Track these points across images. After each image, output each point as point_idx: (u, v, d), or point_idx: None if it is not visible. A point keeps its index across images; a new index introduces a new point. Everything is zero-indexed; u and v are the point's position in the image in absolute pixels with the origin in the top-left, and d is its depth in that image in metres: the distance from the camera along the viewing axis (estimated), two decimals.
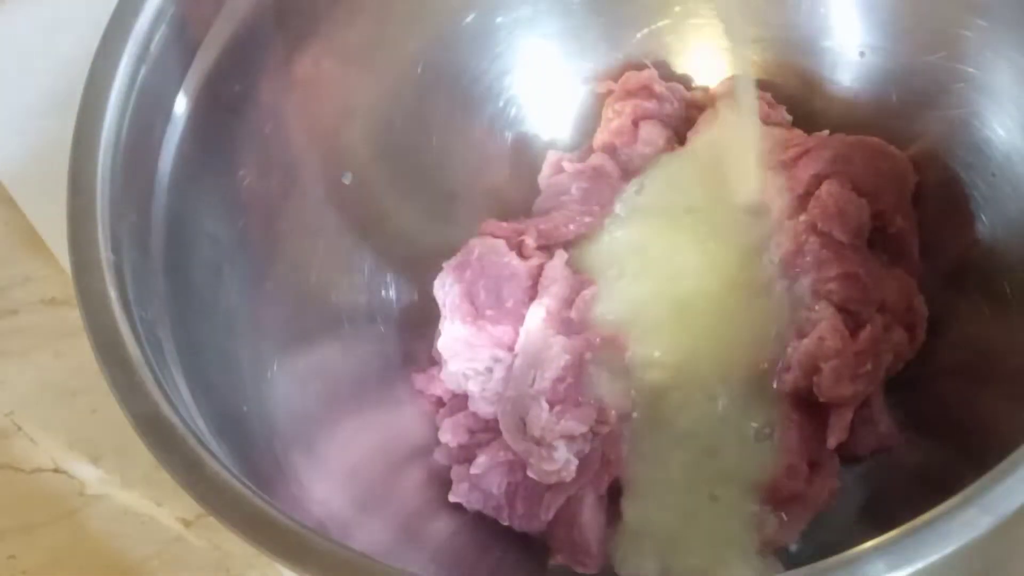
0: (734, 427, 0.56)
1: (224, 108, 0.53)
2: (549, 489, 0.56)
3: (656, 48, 0.66)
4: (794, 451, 0.55)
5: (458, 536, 0.57)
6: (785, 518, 0.54)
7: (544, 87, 0.67)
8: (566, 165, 0.65)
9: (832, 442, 0.55)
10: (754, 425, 0.56)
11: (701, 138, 0.64)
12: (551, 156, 0.66)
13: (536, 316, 0.59)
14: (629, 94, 0.65)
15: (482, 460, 0.57)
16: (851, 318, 0.57)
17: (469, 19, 0.63)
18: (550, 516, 0.56)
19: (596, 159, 0.64)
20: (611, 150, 0.65)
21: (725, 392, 0.57)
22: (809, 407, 0.56)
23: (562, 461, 0.55)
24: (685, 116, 0.66)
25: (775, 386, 0.57)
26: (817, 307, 0.57)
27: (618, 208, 0.63)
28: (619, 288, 0.60)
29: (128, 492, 0.62)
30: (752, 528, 0.54)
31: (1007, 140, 0.56)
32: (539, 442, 0.55)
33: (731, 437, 0.56)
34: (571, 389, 0.57)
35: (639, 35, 0.66)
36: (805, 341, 0.56)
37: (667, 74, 0.66)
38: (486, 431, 0.59)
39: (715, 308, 0.59)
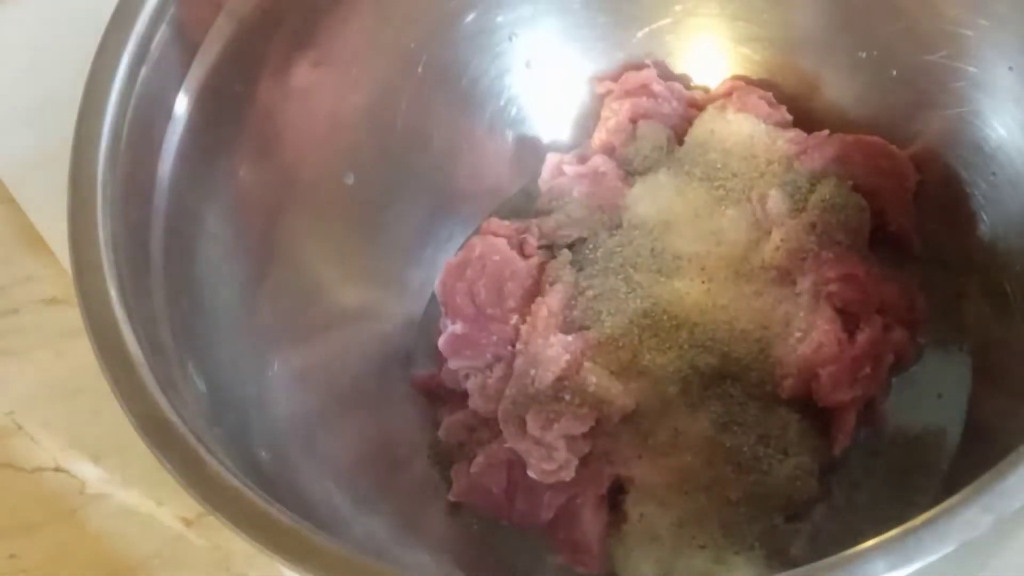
0: (738, 429, 0.56)
1: (224, 108, 0.53)
2: (549, 488, 0.56)
3: (656, 48, 0.66)
4: (802, 454, 0.55)
5: (457, 535, 0.57)
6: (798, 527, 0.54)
7: (544, 87, 0.67)
8: (566, 168, 0.65)
9: (837, 448, 0.56)
10: (758, 428, 0.56)
11: (700, 138, 0.64)
12: (551, 158, 0.66)
13: (537, 315, 0.59)
14: (627, 93, 0.65)
15: (482, 459, 0.57)
16: (851, 320, 0.57)
17: (469, 19, 0.63)
18: (550, 516, 0.56)
19: (596, 161, 0.64)
20: (609, 149, 0.65)
21: (727, 394, 0.57)
22: (814, 410, 0.56)
23: (562, 461, 0.55)
24: (684, 115, 0.66)
25: (776, 390, 0.57)
26: (816, 310, 0.57)
27: (619, 210, 0.63)
28: (621, 289, 0.60)
29: (129, 491, 0.62)
30: (758, 531, 0.54)
31: (1007, 139, 0.56)
32: (539, 441, 0.55)
33: (735, 440, 0.56)
34: (571, 389, 0.57)
35: (639, 34, 0.66)
36: (802, 347, 0.56)
37: (667, 73, 0.66)
38: (486, 430, 0.59)
39: (716, 309, 0.59)
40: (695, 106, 0.66)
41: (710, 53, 0.66)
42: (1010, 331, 0.56)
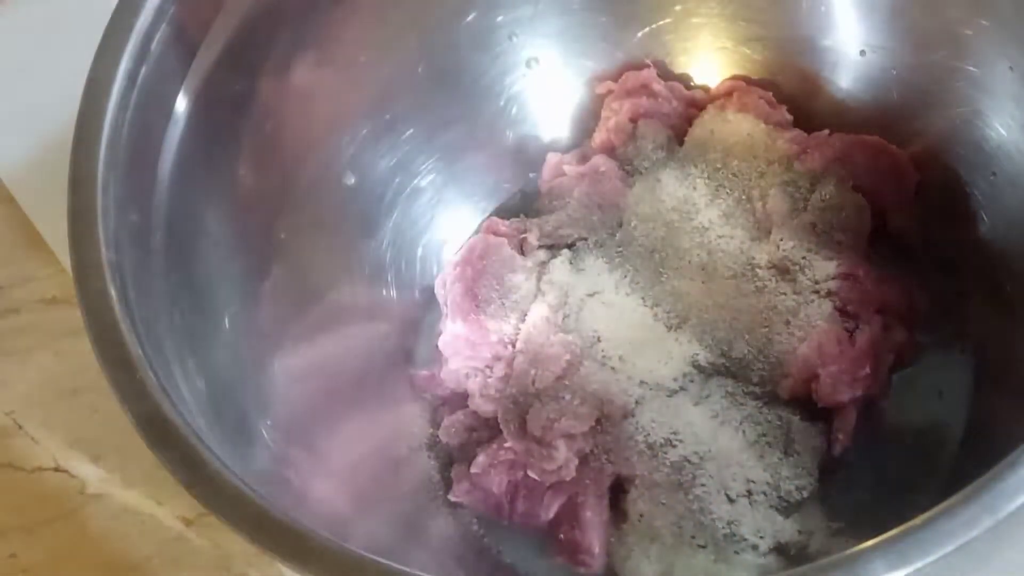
0: (738, 429, 0.56)
1: (224, 108, 0.53)
2: (550, 488, 0.56)
3: (656, 47, 0.66)
4: (802, 454, 0.55)
5: (458, 535, 0.57)
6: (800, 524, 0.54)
7: (544, 87, 0.67)
8: (567, 168, 0.65)
9: (837, 448, 0.56)
10: (758, 427, 0.56)
11: (700, 138, 0.64)
12: (551, 159, 0.66)
13: (537, 315, 0.59)
14: (627, 93, 0.65)
15: (482, 459, 0.57)
16: (851, 319, 0.57)
17: (469, 19, 0.63)
18: (551, 515, 0.56)
19: (596, 161, 0.64)
20: (609, 149, 0.65)
21: (727, 393, 0.57)
22: (814, 410, 0.56)
23: (562, 460, 0.55)
24: (684, 115, 0.66)
25: (776, 389, 0.57)
26: (816, 310, 0.57)
27: (619, 210, 0.63)
28: (621, 289, 0.60)
29: (129, 491, 0.62)
30: (758, 530, 0.54)
31: (1008, 138, 0.56)
32: (539, 441, 0.55)
33: (735, 439, 0.56)
34: (572, 388, 0.57)
35: (639, 34, 0.66)
36: (802, 348, 0.56)
37: (667, 73, 0.66)
38: (486, 430, 0.59)
39: (716, 309, 0.59)
40: (695, 106, 0.66)
41: (710, 53, 0.66)
42: (1010, 331, 0.56)
